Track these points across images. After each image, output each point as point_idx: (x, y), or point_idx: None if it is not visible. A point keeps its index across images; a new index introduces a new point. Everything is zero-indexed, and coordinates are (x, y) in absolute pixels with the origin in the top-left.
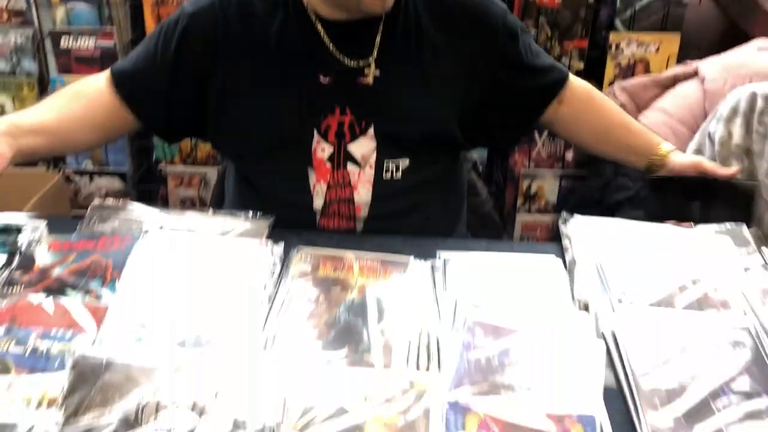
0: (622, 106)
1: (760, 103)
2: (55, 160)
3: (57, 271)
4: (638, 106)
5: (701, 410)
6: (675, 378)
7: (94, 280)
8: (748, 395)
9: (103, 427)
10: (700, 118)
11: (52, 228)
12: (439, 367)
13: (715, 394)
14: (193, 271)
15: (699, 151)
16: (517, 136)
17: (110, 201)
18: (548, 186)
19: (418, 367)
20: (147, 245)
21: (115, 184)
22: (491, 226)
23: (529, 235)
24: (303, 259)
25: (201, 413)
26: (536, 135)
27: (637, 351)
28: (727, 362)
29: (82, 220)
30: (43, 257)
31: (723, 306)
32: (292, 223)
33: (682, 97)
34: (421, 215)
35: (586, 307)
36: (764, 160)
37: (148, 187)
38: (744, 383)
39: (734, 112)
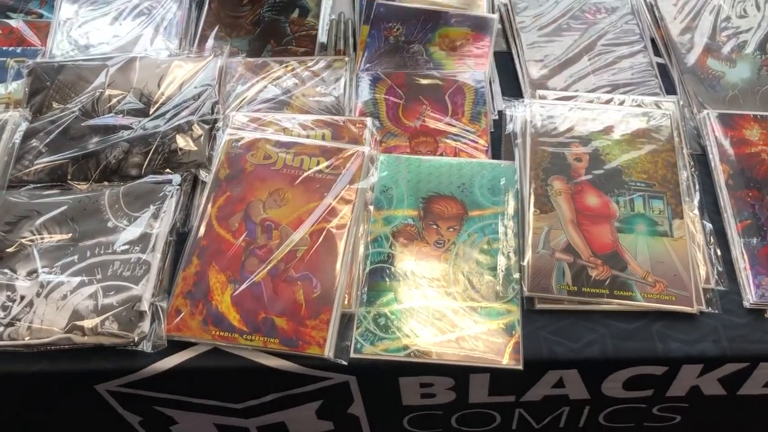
0: None
1: None
2: None
3: None
4: None
5: (573, 59)
6: (556, 43)
7: (33, 2)
8: (615, 45)
9: (66, 116)
10: None
11: None
12: (354, 50)
13: (589, 48)
14: None
15: None
16: None
17: None
18: None
19: (336, 52)
20: None
21: None
22: None
23: None
24: None
25: (147, 103)
26: None
27: (526, 23)
28: (600, 24)
29: None
30: None
31: None
32: None
33: None
34: None
35: None
36: None
37: None
38: (613, 37)
39: None
